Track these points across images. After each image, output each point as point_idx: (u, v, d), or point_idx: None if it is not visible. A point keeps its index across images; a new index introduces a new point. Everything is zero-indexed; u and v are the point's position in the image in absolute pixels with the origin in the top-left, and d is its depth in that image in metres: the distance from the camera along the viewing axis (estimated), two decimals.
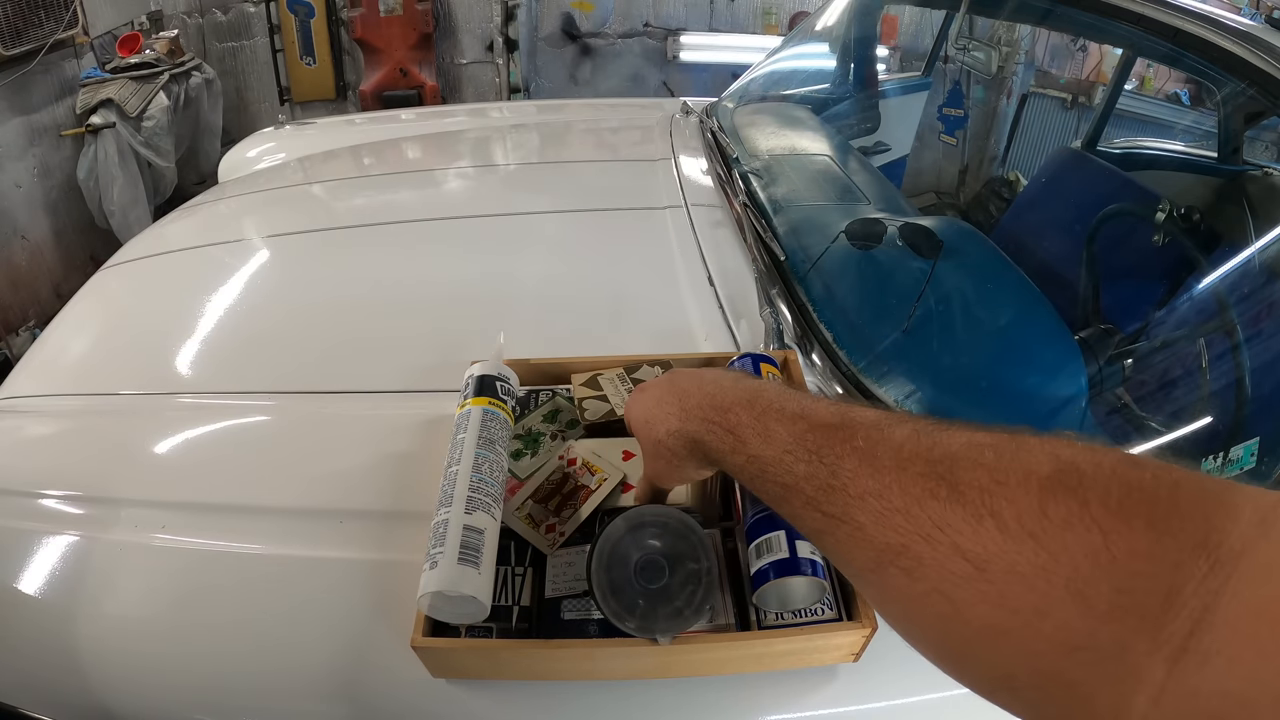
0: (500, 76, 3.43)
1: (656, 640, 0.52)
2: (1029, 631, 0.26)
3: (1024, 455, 0.29)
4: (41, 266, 2.57)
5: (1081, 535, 0.26)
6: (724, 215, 1.11)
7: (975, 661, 0.29)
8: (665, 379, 0.53)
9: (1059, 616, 0.25)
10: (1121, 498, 0.26)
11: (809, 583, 0.55)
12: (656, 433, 0.50)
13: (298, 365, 0.88)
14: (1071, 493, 0.27)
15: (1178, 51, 0.96)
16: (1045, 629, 0.26)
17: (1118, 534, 0.25)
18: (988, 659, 0.28)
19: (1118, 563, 0.25)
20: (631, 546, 0.54)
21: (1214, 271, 0.92)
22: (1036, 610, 0.26)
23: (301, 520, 0.69)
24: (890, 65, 2.14)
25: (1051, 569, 0.26)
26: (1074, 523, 0.26)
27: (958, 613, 0.28)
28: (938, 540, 0.29)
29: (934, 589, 0.29)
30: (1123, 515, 0.25)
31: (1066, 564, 0.25)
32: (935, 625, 0.30)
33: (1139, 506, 0.25)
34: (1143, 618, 0.24)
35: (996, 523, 0.28)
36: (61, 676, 0.62)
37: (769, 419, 0.41)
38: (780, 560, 0.54)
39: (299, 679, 0.60)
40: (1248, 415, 0.81)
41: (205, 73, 2.99)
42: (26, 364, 0.99)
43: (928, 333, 0.89)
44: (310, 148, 1.62)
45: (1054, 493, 0.27)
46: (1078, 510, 0.26)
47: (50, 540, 0.69)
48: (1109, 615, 0.24)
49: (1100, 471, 0.27)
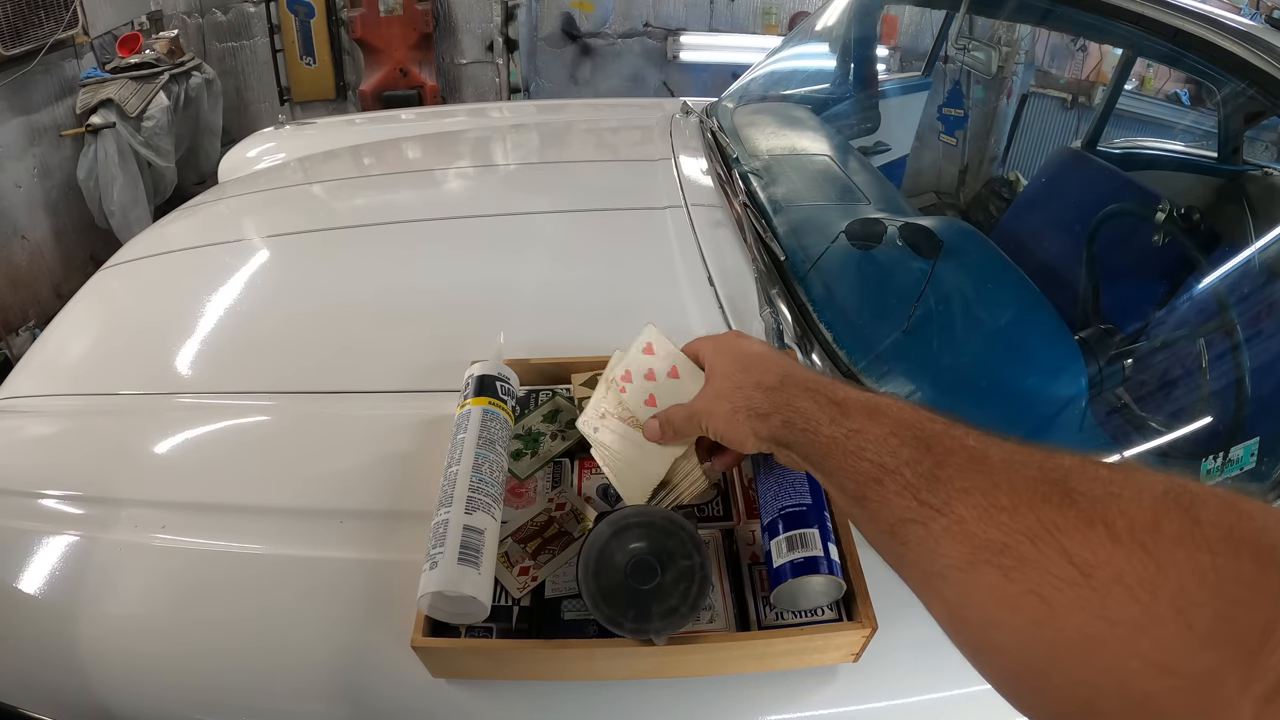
0: (500, 76, 3.43)
1: (652, 641, 0.52)
2: (1125, 646, 0.25)
3: (1138, 473, 0.29)
4: (41, 266, 2.57)
5: (1191, 553, 0.25)
6: (724, 215, 1.11)
7: (1059, 675, 0.27)
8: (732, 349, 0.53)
9: (1158, 634, 0.24)
10: (1233, 523, 0.25)
11: (829, 581, 0.54)
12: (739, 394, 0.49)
13: (298, 365, 0.88)
14: (1185, 511, 0.26)
15: (1178, 51, 0.96)
16: (1142, 645, 0.25)
17: (1226, 557, 0.24)
18: (1075, 673, 0.27)
19: (1223, 587, 0.24)
20: (618, 549, 0.54)
21: (1214, 271, 0.92)
22: (1136, 624, 0.25)
23: (301, 520, 0.69)
24: (890, 65, 2.14)
25: (1158, 582, 0.25)
26: (1185, 540, 0.25)
27: (1053, 617, 0.27)
28: (1044, 541, 0.28)
29: (1031, 590, 0.28)
30: (1232, 541, 0.25)
31: (1174, 580, 0.25)
32: (1024, 629, 0.28)
33: (1248, 534, 0.25)
34: (1240, 648, 0.23)
35: (1108, 530, 0.27)
36: (61, 676, 0.62)
37: (878, 400, 0.41)
38: (811, 558, 0.54)
39: (299, 679, 0.60)
40: (1248, 415, 0.81)
41: (205, 73, 2.99)
42: (26, 364, 0.99)
43: (928, 333, 0.89)
44: (310, 148, 1.62)
45: (1167, 508, 0.26)
46: (1189, 528, 0.25)
47: (50, 540, 0.69)
48: (1208, 640, 0.24)
49: (1213, 496, 0.27)
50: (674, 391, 0.57)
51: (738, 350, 0.52)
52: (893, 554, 0.36)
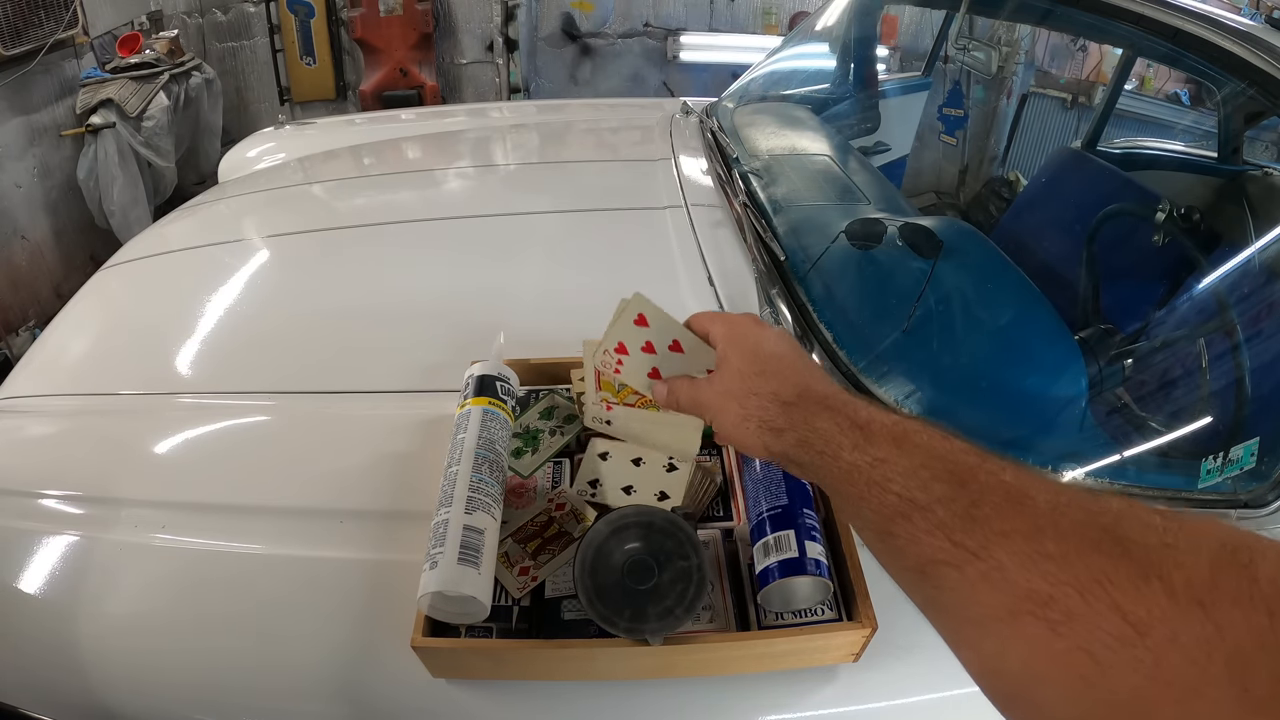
0: (500, 76, 3.43)
1: (647, 641, 0.52)
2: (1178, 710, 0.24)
3: (1192, 522, 0.27)
4: (41, 266, 2.57)
5: (1249, 613, 0.24)
6: (724, 215, 1.11)
7: None
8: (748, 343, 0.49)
9: (1213, 697, 0.23)
10: None
11: (815, 582, 0.54)
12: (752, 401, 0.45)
13: (298, 365, 0.88)
14: (1243, 568, 0.25)
15: (1178, 51, 0.96)
16: (1197, 709, 0.24)
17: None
18: None
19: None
20: (616, 548, 0.54)
21: (1214, 271, 0.92)
22: (1191, 687, 0.24)
23: (301, 520, 0.69)
24: (890, 65, 2.14)
25: (1215, 643, 0.24)
26: (1243, 599, 0.24)
27: (1103, 678, 0.26)
28: (1094, 595, 0.26)
29: (1079, 647, 0.26)
30: None
31: (1231, 640, 0.24)
32: (1071, 688, 0.27)
33: None
34: None
35: (1164, 585, 0.25)
36: (61, 676, 0.62)
37: (907, 426, 0.38)
38: (789, 560, 0.54)
39: (299, 679, 0.60)
40: (1248, 415, 0.81)
41: (205, 73, 2.99)
42: (26, 364, 0.99)
43: (928, 333, 0.89)
44: (310, 148, 1.62)
45: (1225, 563, 0.25)
46: (1247, 586, 0.24)
47: (50, 540, 0.69)
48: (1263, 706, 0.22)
49: (1272, 550, 0.26)
50: (680, 366, 0.54)
51: (754, 347, 0.49)
52: (921, 595, 0.34)
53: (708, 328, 0.53)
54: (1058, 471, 0.75)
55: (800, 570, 0.54)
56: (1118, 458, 0.78)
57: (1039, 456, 0.76)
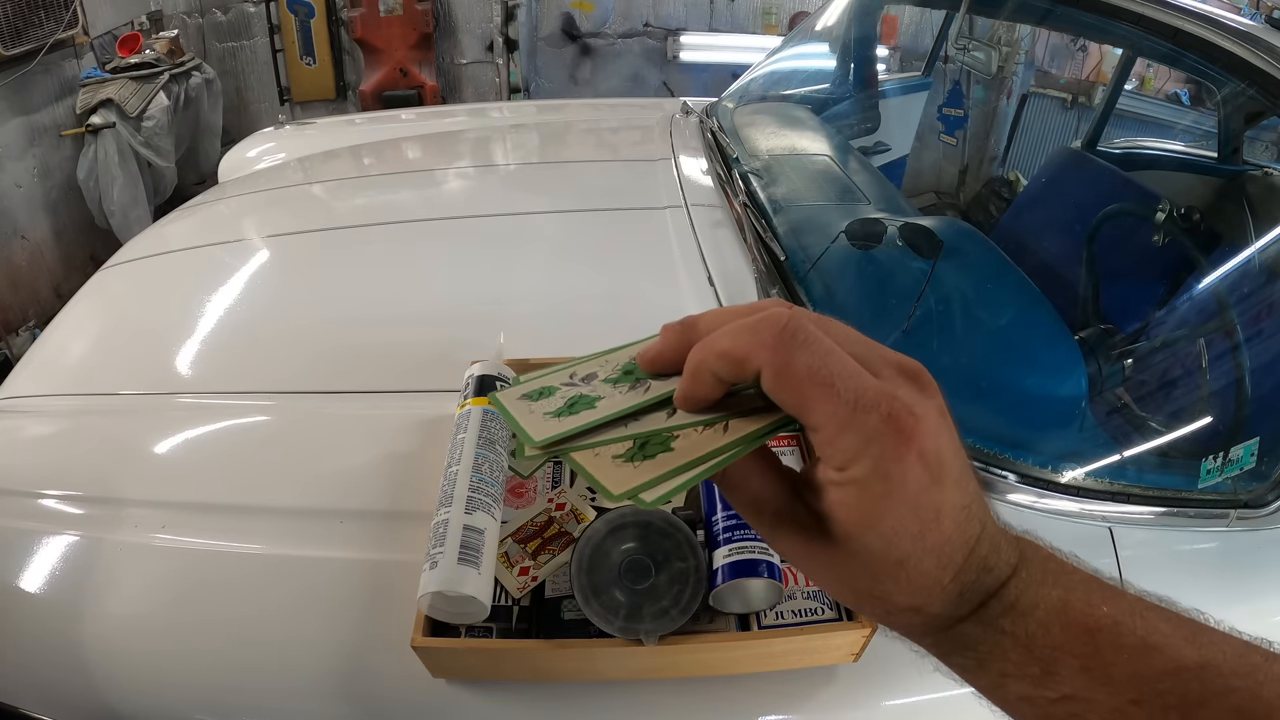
0: (500, 76, 3.43)
1: (641, 641, 0.52)
2: None
3: None
4: (41, 266, 2.57)
5: None
6: (724, 215, 1.11)
7: None
8: (908, 493, 0.26)
9: None
10: None
11: (767, 585, 0.54)
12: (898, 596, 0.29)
13: (298, 365, 0.88)
14: None
15: (1178, 51, 0.96)
16: None
17: None
18: None
19: None
20: (613, 548, 0.54)
21: (1214, 271, 0.92)
22: None
23: (301, 520, 0.69)
24: (890, 65, 2.14)
25: None
26: None
27: None
28: None
29: None
30: None
31: None
32: None
33: None
34: None
35: None
36: (62, 676, 0.62)
37: (1101, 640, 0.25)
38: (739, 561, 0.54)
39: (299, 678, 0.60)
40: (1248, 415, 0.81)
41: (205, 73, 2.99)
42: (26, 364, 0.99)
43: (928, 333, 0.89)
44: (310, 148, 1.62)
45: None
46: None
47: (51, 540, 0.69)
48: None
49: None
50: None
51: (914, 500, 0.26)
52: None
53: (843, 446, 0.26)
54: (1058, 472, 0.75)
55: (751, 572, 0.54)
56: (1118, 458, 0.78)
57: (1039, 457, 0.76)
